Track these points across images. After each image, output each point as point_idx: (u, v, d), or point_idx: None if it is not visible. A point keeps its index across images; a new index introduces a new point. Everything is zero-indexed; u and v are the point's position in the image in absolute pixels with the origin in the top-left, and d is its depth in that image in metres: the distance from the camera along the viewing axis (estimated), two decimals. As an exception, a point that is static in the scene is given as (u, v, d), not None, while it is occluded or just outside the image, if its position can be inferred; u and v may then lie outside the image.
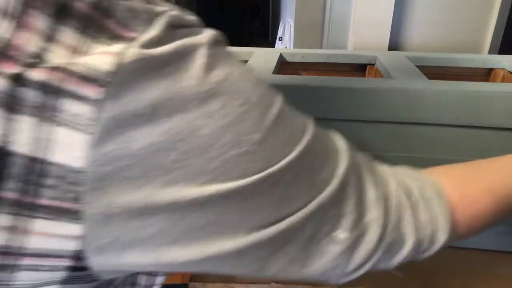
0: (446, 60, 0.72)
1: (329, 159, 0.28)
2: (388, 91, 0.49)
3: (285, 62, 0.75)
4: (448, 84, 0.50)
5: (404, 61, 0.67)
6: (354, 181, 0.28)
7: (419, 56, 0.71)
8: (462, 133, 0.51)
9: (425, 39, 1.23)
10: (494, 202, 0.34)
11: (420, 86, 0.49)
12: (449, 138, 0.52)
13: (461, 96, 0.48)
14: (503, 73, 0.72)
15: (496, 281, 0.54)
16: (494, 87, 0.49)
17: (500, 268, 0.57)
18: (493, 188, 0.34)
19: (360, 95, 0.50)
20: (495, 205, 0.34)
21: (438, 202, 0.32)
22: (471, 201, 0.33)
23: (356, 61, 0.75)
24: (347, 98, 0.51)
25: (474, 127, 0.51)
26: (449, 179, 0.34)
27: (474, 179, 0.35)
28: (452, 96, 0.49)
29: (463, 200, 0.33)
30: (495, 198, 0.34)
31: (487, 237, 0.59)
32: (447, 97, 0.49)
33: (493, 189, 0.34)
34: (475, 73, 0.74)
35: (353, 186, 0.28)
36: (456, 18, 1.20)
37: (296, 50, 0.75)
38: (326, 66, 0.75)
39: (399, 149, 0.54)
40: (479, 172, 0.36)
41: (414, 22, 1.21)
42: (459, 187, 0.34)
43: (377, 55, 0.72)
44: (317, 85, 0.50)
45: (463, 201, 0.33)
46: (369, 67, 0.75)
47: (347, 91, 0.50)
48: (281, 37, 1.95)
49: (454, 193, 0.33)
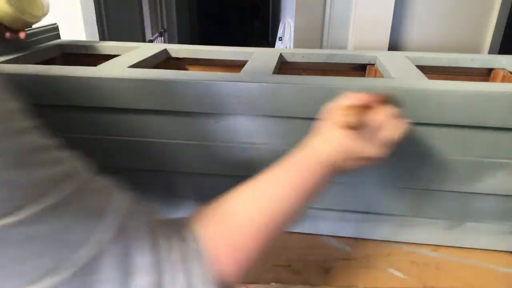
0: (446, 60, 0.72)
1: (86, 220, 0.26)
2: (388, 91, 0.49)
3: (285, 62, 0.75)
4: (448, 84, 0.50)
5: (404, 61, 0.67)
6: (118, 247, 0.27)
7: (419, 56, 0.71)
8: (462, 133, 0.51)
9: (425, 39, 1.23)
10: (258, 233, 0.34)
11: (420, 86, 0.50)
12: (449, 138, 0.52)
13: (461, 96, 0.48)
14: (503, 73, 0.72)
15: (496, 281, 0.54)
16: (494, 87, 0.49)
17: (500, 268, 0.57)
18: (253, 219, 0.34)
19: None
20: (260, 235, 0.34)
21: (198, 264, 0.31)
22: (235, 248, 0.33)
23: (356, 61, 0.75)
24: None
25: (474, 127, 0.51)
26: (210, 228, 0.33)
27: (233, 218, 0.34)
28: (452, 96, 0.49)
29: (227, 250, 0.32)
30: (258, 228, 0.34)
31: (487, 237, 0.59)
32: (447, 97, 0.49)
33: (253, 220, 0.34)
34: (475, 73, 0.74)
35: (115, 252, 0.27)
36: (456, 18, 1.20)
37: (296, 50, 0.75)
38: (326, 66, 0.75)
39: (399, 149, 0.54)
40: (239, 206, 0.35)
41: (414, 22, 1.21)
42: (220, 237, 0.33)
43: (377, 55, 0.72)
44: (317, 85, 0.50)
45: (227, 251, 0.32)
46: (369, 67, 0.75)
47: (347, 91, 0.50)
48: (281, 37, 1.94)
49: (217, 244, 0.32)
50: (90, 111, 0.56)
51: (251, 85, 0.51)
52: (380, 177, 0.56)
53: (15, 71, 0.54)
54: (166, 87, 0.52)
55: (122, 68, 0.59)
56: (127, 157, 0.59)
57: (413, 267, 0.56)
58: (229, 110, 0.53)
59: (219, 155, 0.57)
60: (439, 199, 0.57)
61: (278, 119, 0.53)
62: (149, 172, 0.60)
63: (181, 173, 0.60)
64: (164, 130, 0.56)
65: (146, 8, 2.14)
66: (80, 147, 0.61)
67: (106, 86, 0.53)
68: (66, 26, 0.88)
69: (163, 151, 0.58)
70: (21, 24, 0.64)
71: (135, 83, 0.52)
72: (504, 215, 0.57)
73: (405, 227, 0.59)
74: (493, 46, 1.22)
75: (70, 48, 0.77)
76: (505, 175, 0.53)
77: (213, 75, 0.53)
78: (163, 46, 0.77)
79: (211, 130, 0.55)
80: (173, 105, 0.53)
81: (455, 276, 0.55)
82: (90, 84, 0.53)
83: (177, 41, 2.74)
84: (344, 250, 0.59)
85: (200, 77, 0.52)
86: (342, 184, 0.57)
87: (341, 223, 0.60)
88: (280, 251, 0.59)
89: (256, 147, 0.56)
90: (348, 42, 1.23)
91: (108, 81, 0.53)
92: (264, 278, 0.54)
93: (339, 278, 0.54)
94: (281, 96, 0.51)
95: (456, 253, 0.59)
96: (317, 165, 0.38)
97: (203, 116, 0.54)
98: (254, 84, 0.51)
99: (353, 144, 0.39)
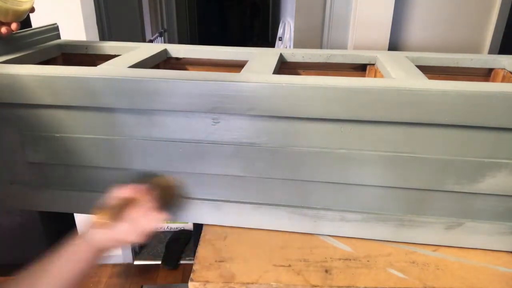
0: (446, 60, 0.72)
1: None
2: (388, 91, 0.49)
3: (285, 62, 0.75)
4: (448, 84, 0.50)
5: (404, 61, 0.67)
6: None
7: (419, 56, 0.71)
8: (462, 133, 0.51)
9: (425, 39, 1.23)
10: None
11: (420, 86, 0.49)
12: (449, 138, 0.52)
13: (461, 96, 0.48)
14: (503, 73, 0.72)
15: (496, 281, 0.54)
16: (494, 87, 0.49)
17: (500, 268, 0.57)
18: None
19: (360, 95, 0.50)
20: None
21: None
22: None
23: (356, 61, 0.75)
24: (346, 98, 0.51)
25: (474, 127, 0.51)
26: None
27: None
28: (452, 96, 0.49)
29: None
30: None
31: (487, 237, 0.59)
32: (447, 97, 0.49)
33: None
34: (475, 73, 0.74)
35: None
36: (456, 18, 1.20)
37: (296, 50, 0.75)
38: (326, 66, 0.75)
39: (399, 149, 0.54)
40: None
41: (414, 22, 1.21)
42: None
43: (377, 55, 0.72)
44: (317, 85, 0.50)
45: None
46: (369, 67, 0.75)
47: (347, 91, 0.50)
48: (281, 37, 1.94)
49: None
50: (90, 111, 0.56)
51: (251, 85, 0.51)
52: (380, 177, 0.56)
53: (15, 71, 0.54)
54: (166, 87, 0.52)
55: (122, 68, 0.59)
56: (126, 157, 0.59)
57: (413, 267, 0.56)
58: (229, 110, 0.53)
59: (219, 155, 0.57)
60: (439, 199, 0.57)
61: (278, 119, 0.53)
62: (149, 172, 0.60)
63: (181, 174, 0.60)
64: (164, 130, 0.56)
65: (146, 8, 2.14)
66: (79, 147, 0.61)
67: (105, 86, 0.53)
68: (66, 26, 0.88)
69: (163, 152, 0.58)
70: (10, 15, 0.61)
71: (135, 83, 0.52)
72: (504, 215, 0.57)
73: (405, 227, 0.59)
74: (493, 46, 1.22)
75: (70, 48, 0.77)
76: (505, 175, 0.53)
77: (213, 75, 0.53)
78: (163, 46, 0.77)
79: (211, 130, 0.55)
80: (173, 105, 0.53)
81: (455, 276, 0.55)
82: (90, 84, 0.53)
83: (177, 41, 2.74)
84: (344, 250, 0.59)
85: (200, 77, 0.52)
86: (342, 184, 0.57)
87: (341, 223, 0.60)
88: (280, 251, 0.59)
89: (256, 147, 0.56)
90: (348, 42, 1.23)
91: (108, 81, 0.53)
92: (264, 278, 0.54)
93: (339, 278, 0.54)
94: (281, 96, 0.51)
95: (456, 253, 0.59)
96: (87, 253, 0.45)
97: (203, 116, 0.54)
98: (254, 84, 0.51)
99: (112, 234, 0.45)
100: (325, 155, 0.55)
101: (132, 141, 0.57)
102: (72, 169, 0.62)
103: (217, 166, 0.58)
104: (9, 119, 0.58)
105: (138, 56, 0.67)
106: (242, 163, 0.57)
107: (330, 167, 0.56)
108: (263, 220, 0.62)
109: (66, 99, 0.55)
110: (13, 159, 0.62)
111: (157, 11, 2.40)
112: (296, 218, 0.61)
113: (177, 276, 1.53)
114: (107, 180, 0.62)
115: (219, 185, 0.60)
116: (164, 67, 0.77)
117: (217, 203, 0.62)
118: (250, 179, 0.59)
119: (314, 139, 0.54)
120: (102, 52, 0.77)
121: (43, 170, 0.63)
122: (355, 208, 0.59)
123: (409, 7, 1.19)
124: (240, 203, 0.61)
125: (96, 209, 0.44)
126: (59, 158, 0.60)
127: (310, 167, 0.56)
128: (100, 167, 0.61)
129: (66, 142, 0.58)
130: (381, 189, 0.57)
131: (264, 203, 0.61)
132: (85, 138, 0.58)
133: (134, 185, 0.47)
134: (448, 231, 0.59)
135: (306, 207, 0.60)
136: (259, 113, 0.53)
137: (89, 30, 1.18)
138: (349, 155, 0.55)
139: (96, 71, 0.55)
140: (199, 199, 0.62)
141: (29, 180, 0.64)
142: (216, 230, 0.63)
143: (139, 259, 1.60)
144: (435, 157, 0.53)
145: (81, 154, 0.59)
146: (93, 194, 0.62)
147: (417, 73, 0.59)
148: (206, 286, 0.53)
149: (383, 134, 0.53)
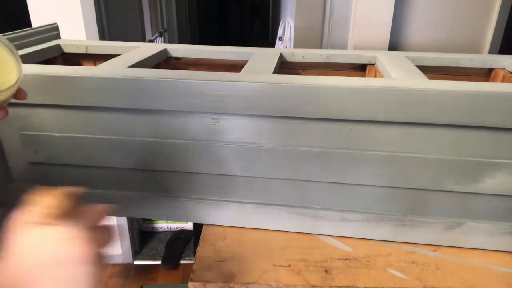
0: (446, 60, 0.72)
1: None
2: (388, 91, 0.49)
3: (285, 62, 0.75)
4: (448, 84, 0.50)
5: (404, 61, 0.67)
6: None
7: (419, 56, 0.71)
8: (462, 133, 0.51)
9: (425, 39, 1.23)
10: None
11: (420, 86, 0.50)
12: (449, 138, 0.52)
13: (461, 96, 0.48)
14: (503, 73, 0.72)
15: (496, 281, 0.54)
16: (494, 87, 0.49)
17: (500, 268, 0.57)
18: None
19: (360, 95, 0.50)
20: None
21: None
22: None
23: (356, 61, 0.75)
24: (347, 98, 0.51)
25: (474, 127, 0.51)
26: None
27: None
28: (452, 96, 0.49)
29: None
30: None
31: (487, 237, 0.59)
32: (447, 97, 0.49)
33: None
34: (475, 73, 0.74)
35: None
36: (456, 18, 1.20)
37: (296, 50, 0.75)
38: (326, 66, 0.76)
39: (399, 149, 0.54)
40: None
41: (414, 22, 1.21)
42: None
43: (377, 55, 0.72)
44: (317, 85, 0.50)
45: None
46: (369, 67, 0.75)
47: (347, 91, 0.50)
48: (281, 37, 1.95)
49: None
50: (90, 111, 0.56)
51: (251, 85, 0.51)
52: (380, 177, 0.56)
53: (15, 71, 0.54)
54: (166, 87, 0.52)
55: (122, 68, 0.59)
56: (126, 157, 0.59)
57: (413, 267, 0.56)
58: (229, 110, 0.53)
59: (219, 155, 0.57)
60: (439, 199, 0.57)
61: (278, 119, 0.53)
62: (149, 172, 0.60)
63: (181, 173, 0.60)
64: (164, 129, 0.56)
65: (146, 8, 2.14)
66: (79, 147, 0.61)
67: (105, 86, 0.53)
68: (66, 26, 0.88)
69: (163, 151, 0.58)
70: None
71: (134, 83, 0.52)
72: (504, 215, 0.57)
73: (405, 227, 0.59)
74: (493, 46, 1.22)
75: (70, 48, 0.77)
76: (505, 175, 0.53)
77: (213, 75, 0.53)
78: (163, 46, 0.77)
79: (211, 130, 0.55)
80: (173, 105, 0.53)
81: (455, 276, 0.55)
82: (90, 84, 0.53)
83: (177, 41, 2.74)
84: (344, 250, 0.59)
85: (200, 77, 0.52)
86: (342, 184, 0.57)
87: (341, 223, 0.60)
88: (280, 251, 0.59)
89: (256, 147, 0.56)
90: (348, 42, 1.23)
91: (108, 81, 0.53)
92: (264, 278, 0.54)
93: (339, 278, 0.54)
94: (281, 96, 0.51)
95: (456, 253, 0.59)
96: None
97: (203, 116, 0.54)
98: (254, 84, 0.51)
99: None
100: (325, 155, 0.55)
101: (132, 141, 0.57)
102: (72, 169, 0.62)
103: (217, 166, 0.58)
104: (9, 119, 0.58)
105: (138, 56, 0.67)
106: (242, 163, 0.57)
107: (330, 167, 0.56)
108: (263, 220, 0.62)
109: (66, 99, 0.55)
110: (13, 159, 0.62)
111: (157, 11, 2.40)
112: (296, 218, 0.61)
113: (177, 276, 1.54)
114: (107, 180, 0.62)
115: (219, 185, 0.60)
116: (164, 67, 0.77)
117: (217, 203, 0.62)
118: (250, 179, 0.59)
119: (314, 139, 0.54)
120: (102, 52, 0.77)
121: (43, 170, 0.63)
122: (355, 208, 0.59)
123: (409, 7, 1.19)
124: (240, 203, 0.61)
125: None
126: (59, 158, 0.60)
127: (310, 167, 0.56)
128: (100, 167, 0.61)
129: (66, 142, 0.58)
130: (381, 189, 0.57)
131: (264, 203, 0.61)
132: (85, 138, 0.58)
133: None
134: (448, 231, 0.59)
135: (306, 207, 0.60)
136: (259, 113, 0.53)
137: (89, 30, 1.18)
138: (349, 155, 0.55)
139: (96, 71, 0.55)
140: (199, 199, 0.62)
141: (29, 180, 0.64)
142: (216, 230, 0.63)
143: (139, 259, 1.60)
144: (435, 157, 0.53)
145: (81, 154, 0.59)
146: (93, 194, 0.62)
147: (417, 73, 0.59)
148: (206, 286, 0.53)
149: (383, 134, 0.53)
